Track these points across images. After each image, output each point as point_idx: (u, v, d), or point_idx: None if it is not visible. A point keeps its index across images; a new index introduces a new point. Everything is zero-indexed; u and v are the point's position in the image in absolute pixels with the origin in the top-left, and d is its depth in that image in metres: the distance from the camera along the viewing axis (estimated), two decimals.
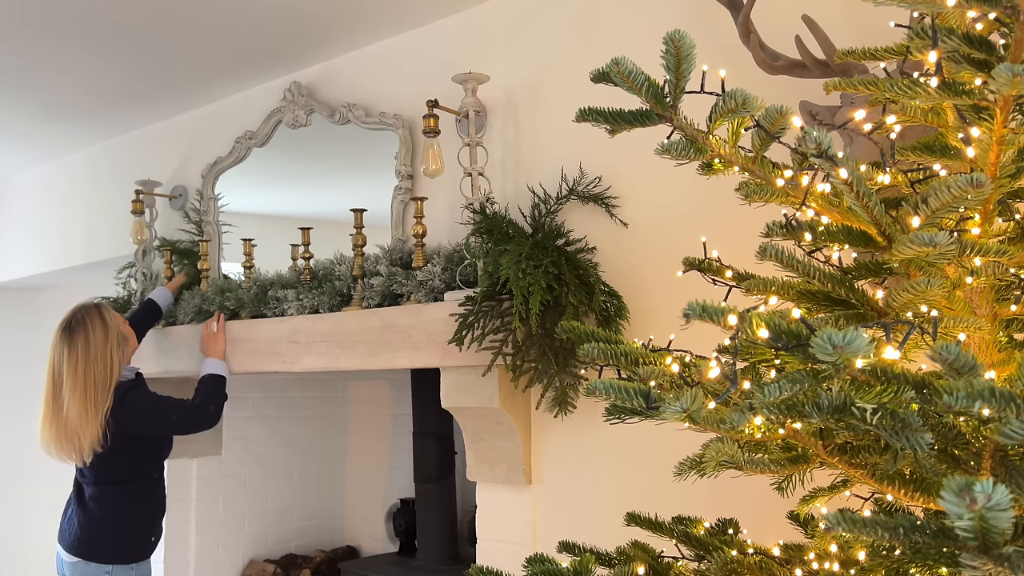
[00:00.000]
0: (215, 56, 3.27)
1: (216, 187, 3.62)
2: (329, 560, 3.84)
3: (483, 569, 1.39)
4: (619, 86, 1.14)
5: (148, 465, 2.86)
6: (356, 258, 2.80)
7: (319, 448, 4.11)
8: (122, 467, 2.77)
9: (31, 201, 4.84)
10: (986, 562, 0.81)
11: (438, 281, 2.53)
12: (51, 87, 3.55)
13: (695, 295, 1.17)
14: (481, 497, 2.64)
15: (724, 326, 1.02)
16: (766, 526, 1.69)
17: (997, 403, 0.86)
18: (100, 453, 2.68)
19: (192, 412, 2.84)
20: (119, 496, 2.78)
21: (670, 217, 2.36)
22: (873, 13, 1.41)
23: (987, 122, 1.12)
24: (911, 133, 1.36)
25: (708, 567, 1.40)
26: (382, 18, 2.96)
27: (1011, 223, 1.22)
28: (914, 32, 1.14)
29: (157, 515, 2.91)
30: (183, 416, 2.82)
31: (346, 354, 2.73)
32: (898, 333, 1.11)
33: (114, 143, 4.29)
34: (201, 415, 2.85)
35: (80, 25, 2.97)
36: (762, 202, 1.27)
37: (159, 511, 2.92)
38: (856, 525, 0.94)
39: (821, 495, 1.46)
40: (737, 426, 1.06)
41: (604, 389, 1.10)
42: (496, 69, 2.72)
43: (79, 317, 2.75)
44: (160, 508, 2.92)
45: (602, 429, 2.37)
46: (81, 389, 2.66)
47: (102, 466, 2.74)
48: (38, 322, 5.22)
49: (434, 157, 2.67)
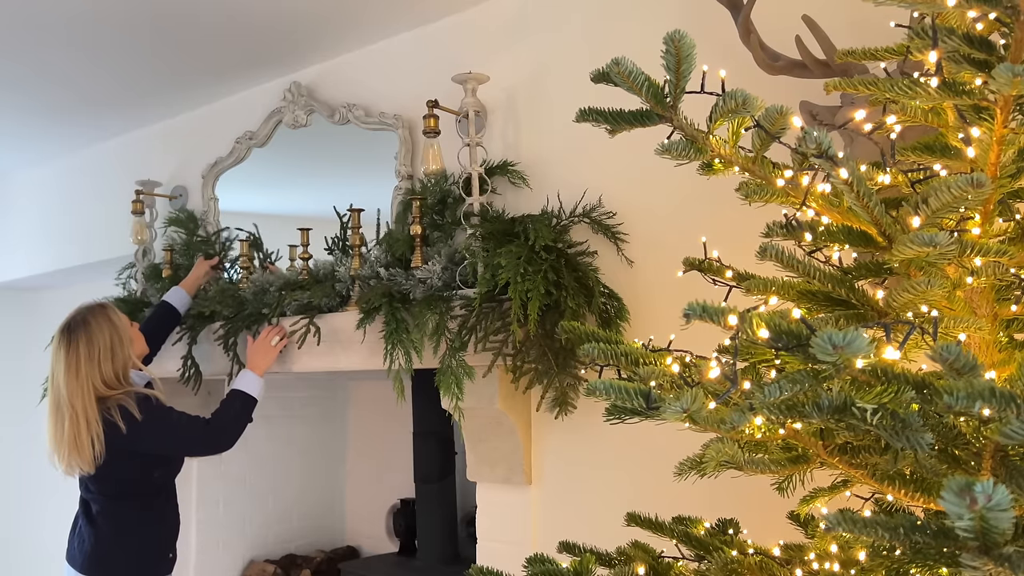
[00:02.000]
0: (215, 56, 3.26)
1: (216, 187, 3.62)
2: (329, 560, 3.84)
3: (483, 569, 1.39)
4: (619, 86, 1.14)
5: (157, 479, 2.65)
6: (354, 258, 2.80)
7: (319, 448, 4.11)
8: (128, 481, 2.57)
9: (31, 201, 4.84)
10: (986, 562, 0.81)
11: (438, 280, 2.53)
12: (51, 87, 3.55)
13: (695, 295, 1.17)
14: (481, 497, 2.64)
15: (724, 326, 1.02)
16: (766, 526, 1.69)
17: (997, 403, 0.86)
18: (106, 466, 2.47)
19: (205, 434, 2.58)
20: (128, 511, 2.58)
21: (670, 217, 2.36)
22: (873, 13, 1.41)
23: (987, 122, 1.12)
24: (911, 133, 1.36)
25: (708, 567, 1.40)
26: (382, 18, 2.96)
27: (1011, 223, 1.22)
28: (914, 32, 1.14)
29: (172, 531, 2.70)
30: (194, 437, 2.59)
31: (346, 354, 2.73)
32: (898, 333, 1.11)
33: (114, 143, 4.29)
34: (215, 438, 2.61)
35: (80, 25, 2.97)
36: (762, 202, 1.27)
37: (173, 527, 2.71)
38: (856, 525, 0.94)
39: (821, 495, 1.46)
40: (737, 426, 1.06)
41: (604, 389, 1.10)
42: (496, 69, 2.72)
43: (80, 318, 2.54)
44: (174, 524, 2.72)
45: (602, 429, 2.37)
46: (83, 395, 2.45)
47: (108, 479, 2.54)
48: (38, 322, 5.22)
49: (434, 157, 2.67)
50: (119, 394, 2.48)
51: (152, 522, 2.63)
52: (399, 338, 2.46)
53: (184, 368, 3.15)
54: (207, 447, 2.68)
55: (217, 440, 2.61)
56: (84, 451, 2.44)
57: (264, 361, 2.75)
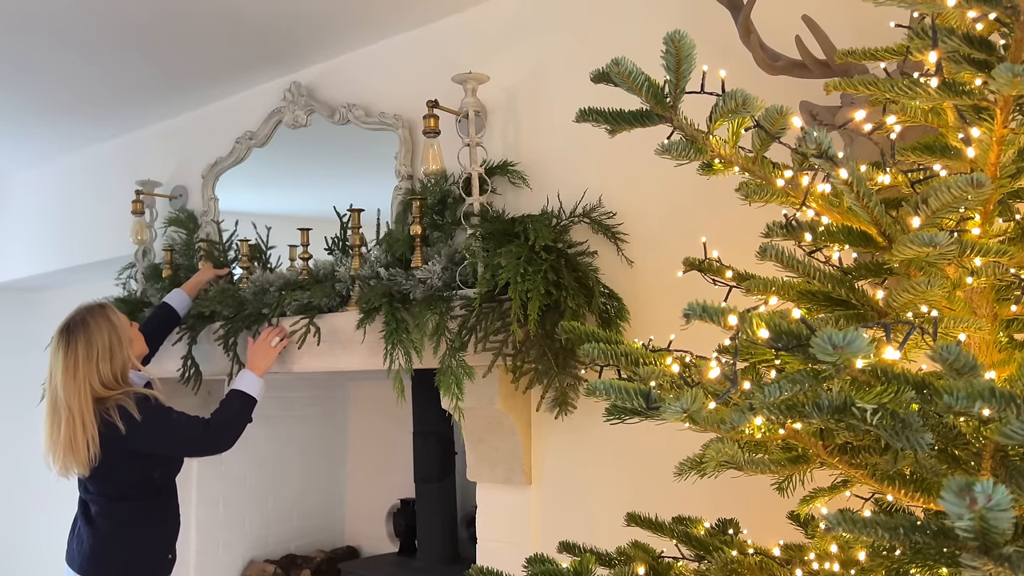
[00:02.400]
0: (215, 56, 3.27)
1: (216, 187, 3.62)
2: (329, 560, 3.84)
3: (483, 569, 1.39)
4: (619, 86, 1.14)
5: (157, 479, 2.62)
6: (354, 258, 2.80)
7: (319, 448, 4.11)
8: (127, 481, 2.54)
9: (31, 201, 4.84)
10: (986, 562, 0.81)
11: (438, 281, 2.53)
12: (51, 87, 3.55)
13: (695, 295, 1.17)
14: (481, 497, 2.64)
15: (724, 326, 1.02)
16: (766, 526, 1.69)
17: (997, 403, 0.86)
18: (104, 466, 2.45)
19: (205, 434, 2.56)
20: (127, 511, 2.56)
21: (670, 217, 2.36)
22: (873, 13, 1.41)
23: (987, 122, 1.12)
24: (911, 133, 1.36)
25: (708, 567, 1.40)
26: (382, 18, 2.96)
27: (1011, 223, 1.22)
28: (914, 32, 1.14)
29: (171, 532, 2.67)
30: (194, 437, 2.55)
31: (346, 354, 2.73)
32: (898, 333, 1.11)
33: (114, 143, 4.29)
34: (215, 438, 2.59)
35: (80, 25, 2.97)
36: (762, 202, 1.27)
37: (173, 527, 2.69)
38: (856, 525, 0.94)
39: (821, 495, 1.46)
40: (737, 426, 1.06)
41: (604, 389, 1.10)
42: (496, 69, 2.72)
43: (80, 318, 2.51)
44: (174, 524, 2.70)
45: (602, 429, 2.37)
46: (81, 396, 2.41)
47: (106, 480, 2.51)
48: (38, 322, 5.22)
49: (434, 157, 2.67)
50: (118, 394, 2.46)
51: (151, 522, 2.60)
52: (399, 338, 2.46)
53: (184, 368, 3.15)
54: (207, 447, 2.65)
55: (217, 440, 2.59)
56: (79, 453, 2.41)
57: (264, 361, 2.74)
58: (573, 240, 2.49)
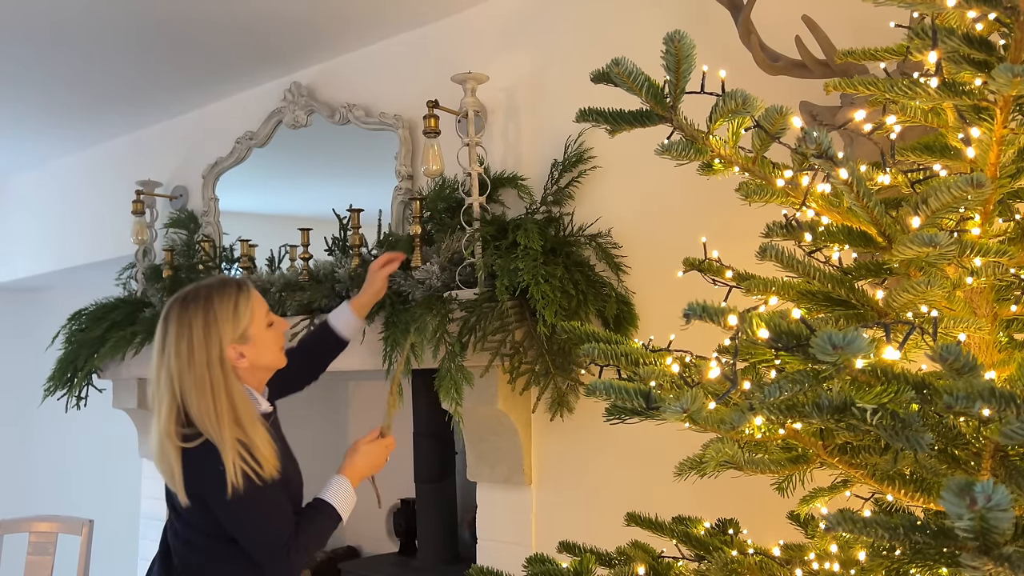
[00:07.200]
0: (215, 56, 3.26)
1: (216, 187, 3.62)
2: (329, 560, 3.84)
3: (483, 569, 1.39)
4: (619, 86, 1.14)
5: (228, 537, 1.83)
6: (354, 259, 2.80)
7: (319, 448, 4.10)
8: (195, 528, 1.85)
9: (31, 201, 4.84)
10: (986, 562, 0.81)
11: (437, 281, 2.53)
12: (51, 87, 3.55)
13: (695, 295, 1.17)
14: (481, 497, 2.64)
15: (724, 326, 1.02)
16: (766, 526, 1.69)
17: (997, 403, 0.86)
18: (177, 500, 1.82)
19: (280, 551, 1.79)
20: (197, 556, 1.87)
21: (670, 216, 2.36)
22: (873, 13, 1.41)
23: (987, 122, 1.12)
24: (911, 133, 1.36)
25: (708, 567, 1.40)
26: (382, 18, 2.96)
27: (1011, 223, 1.22)
28: (914, 32, 1.14)
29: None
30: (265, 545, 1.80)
31: (346, 354, 2.73)
32: (898, 333, 1.11)
33: (114, 143, 4.29)
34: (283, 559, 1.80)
35: (80, 25, 2.97)
36: (762, 202, 1.27)
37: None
38: (856, 525, 0.94)
39: (821, 495, 1.46)
40: (737, 426, 1.06)
41: (604, 389, 1.10)
42: (496, 69, 2.72)
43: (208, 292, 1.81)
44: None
45: (602, 429, 2.37)
46: (170, 397, 1.77)
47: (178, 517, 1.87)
48: (38, 322, 5.22)
49: (434, 157, 2.67)
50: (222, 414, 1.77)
51: None
52: (399, 340, 2.46)
53: None
54: (269, 560, 1.82)
55: (283, 563, 1.82)
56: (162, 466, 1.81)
57: (369, 470, 2.12)
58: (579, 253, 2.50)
